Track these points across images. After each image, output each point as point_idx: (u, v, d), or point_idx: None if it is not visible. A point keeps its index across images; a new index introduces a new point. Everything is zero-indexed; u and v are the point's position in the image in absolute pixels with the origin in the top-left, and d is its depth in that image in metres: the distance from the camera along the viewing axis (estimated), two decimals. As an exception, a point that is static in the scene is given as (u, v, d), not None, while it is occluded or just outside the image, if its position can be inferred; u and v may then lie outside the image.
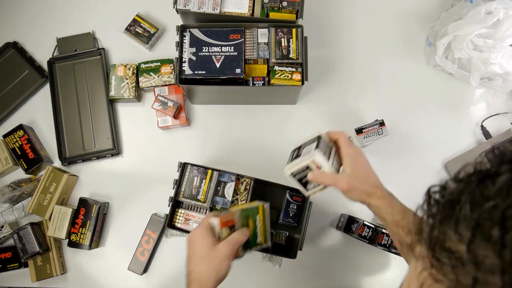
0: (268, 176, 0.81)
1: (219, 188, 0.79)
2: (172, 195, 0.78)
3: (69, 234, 0.85)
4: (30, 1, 1.00)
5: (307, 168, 0.60)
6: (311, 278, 0.86)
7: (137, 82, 0.92)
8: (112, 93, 0.90)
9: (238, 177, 0.81)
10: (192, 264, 0.56)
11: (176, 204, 0.80)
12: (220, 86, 0.82)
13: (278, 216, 0.81)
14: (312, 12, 0.91)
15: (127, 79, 0.91)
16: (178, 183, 0.79)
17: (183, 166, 0.79)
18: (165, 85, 0.91)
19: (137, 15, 0.95)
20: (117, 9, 0.98)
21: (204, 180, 0.79)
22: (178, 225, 0.78)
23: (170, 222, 0.78)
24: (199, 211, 0.79)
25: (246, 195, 0.80)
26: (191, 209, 0.80)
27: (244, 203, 0.79)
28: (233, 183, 0.79)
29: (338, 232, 0.86)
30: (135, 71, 0.92)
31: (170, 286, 0.87)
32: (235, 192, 0.80)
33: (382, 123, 0.82)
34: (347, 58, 0.95)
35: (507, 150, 0.30)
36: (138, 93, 0.93)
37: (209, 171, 0.79)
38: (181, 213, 0.79)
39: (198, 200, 0.78)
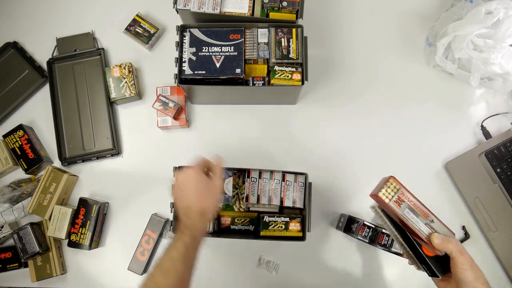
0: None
1: None
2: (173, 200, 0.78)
3: (69, 234, 0.85)
4: (30, 1, 1.00)
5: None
6: (309, 282, 0.86)
7: (135, 79, 0.91)
8: (113, 95, 0.90)
9: (235, 172, 0.81)
10: (200, 202, 0.63)
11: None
12: (220, 86, 0.82)
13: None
14: (312, 12, 0.91)
15: (124, 78, 0.91)
16: None
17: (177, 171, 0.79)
18: (168, 86, 0.91)
19: (137, 15, 0.95)
20: (117, 9, 0.98)
21: None
22: None
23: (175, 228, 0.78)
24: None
25: (246, 188, 0.79)
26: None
27: None
28: (231, 178, 0.79)
29: (338, 232, 0.86)
30: (131, 69, 0.92)
31: (170, 286, 0.87)
32: (234, 187, 0.80)
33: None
34: (347, 58, 0.95)
35: None
36: (139, 90, 0.93)
37: None
38: None
39: None
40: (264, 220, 0.77)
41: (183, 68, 0.80)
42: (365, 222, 0.79)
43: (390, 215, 0.59)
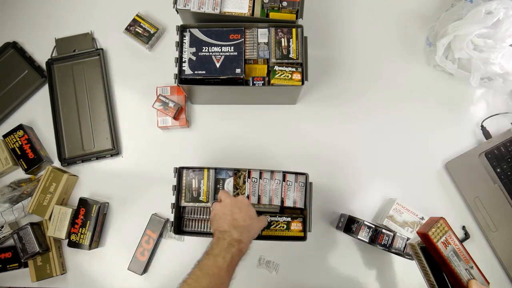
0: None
1: (218, 186, 0.79)
2: (173, 201, 0.78)
3: (69, 234, 0.85)
4: (29, 1, 1.00)
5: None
6: (309, 282, 0.86)
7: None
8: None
9: (235, 172, 0.81)
10: (250, 221, 0.68)
11: (179, 209, 0.79)
12: (220, 86, 0.82)
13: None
14: (312, 12, 0.91)
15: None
16: (178, 189, 0.79)
17: (178, 171, 0.79)
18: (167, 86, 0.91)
19: (137, 15, 0.95)
20: (117, 9, 0.98)
21: (202, 181, 0.79)
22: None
23: (178, 229, 0.79)
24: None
25: (246, 188, 0.79)
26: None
27: None
28: (231, 178, 0.79)
29: (338, 232, 0.86)
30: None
31: (170, 286, 0.87)
32: (235, 187, 0.80)
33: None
34: (347, 58, 0.95)
35: None
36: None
37: (205, 170, 0.79)
38: None
39: (201, 201, 0.78)
40: None
41: (183, 68, 0.80)
42: (365, 222, 0.78)
43: (433, 255, 0.60)
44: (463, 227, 0.86)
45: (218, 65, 0.80)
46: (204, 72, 0.80)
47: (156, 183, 0.90)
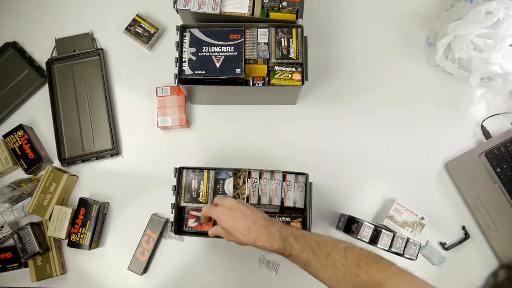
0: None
1: (218, 186, 0.79)
2: (173, 201, 0.78)
3: (69, 234, 0.85)
4: (29, 1, 1.00)
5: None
6: (309, 282, 0.86)
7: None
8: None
9: (235, 172, 0.81)
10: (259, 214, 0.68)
11: (179, 209, 0.79)
12: (220, 86, 0.82)
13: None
14: (312, 12, 0.91)
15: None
16: (178, 189, 0.79)
17: (178, 172, 0.79)
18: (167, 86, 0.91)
19: (137, 15, 0.95)
20: (116, 9, 0.98)
21: (202, 181, 0.79)
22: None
23: (179, 229, 0.79)
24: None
25: (246, 188, 0.79)
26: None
27: None
28: (231, 179, 0.79)
29: (338, 232, 0.86)
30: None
31: (170, 286, 0.87)
32: (235, 187, 0.80)
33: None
34: (347, 58, 0.95)
35: None
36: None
37: (205, 171, 0.79)
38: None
39: (200, 202, 0.78)
40: None
41: (183, 68, 0.80)
42: (365, 222, 0.78)
43: None
44: (463, 227, 0.86)
45: (218, 65, 0.80)
46: (204, 72, 0.80)
47: (156, 183, 0.90)
